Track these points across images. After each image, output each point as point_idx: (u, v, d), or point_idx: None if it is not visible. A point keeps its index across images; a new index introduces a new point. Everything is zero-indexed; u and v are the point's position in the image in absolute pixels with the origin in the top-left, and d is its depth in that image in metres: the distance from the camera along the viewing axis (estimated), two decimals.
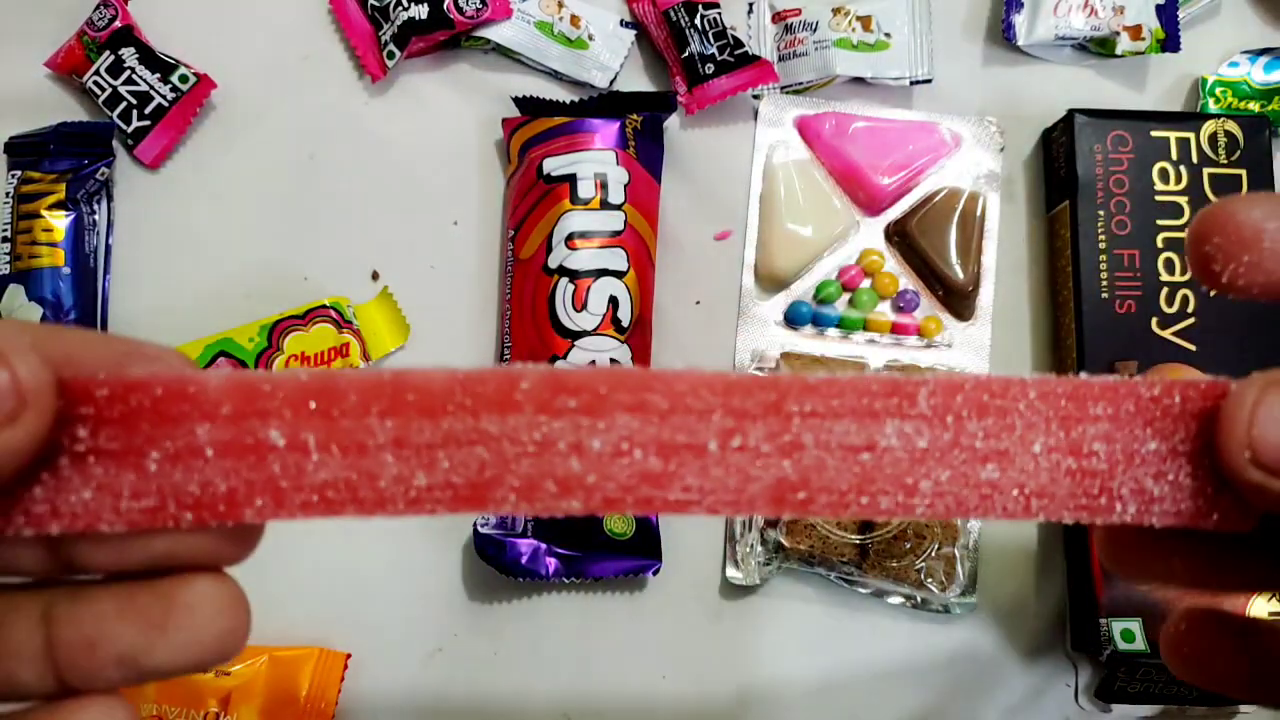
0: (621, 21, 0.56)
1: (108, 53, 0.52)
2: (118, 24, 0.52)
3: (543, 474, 0.19)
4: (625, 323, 0.49)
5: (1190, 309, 0.50)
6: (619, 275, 0.49)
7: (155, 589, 0.19)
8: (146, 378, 0.18)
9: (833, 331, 0.53)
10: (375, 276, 0.53)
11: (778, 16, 0.56)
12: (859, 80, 0.55)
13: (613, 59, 0.55)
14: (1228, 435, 0.18)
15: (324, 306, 0.51)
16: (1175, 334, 0.50)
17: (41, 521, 0.18)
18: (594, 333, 0.48)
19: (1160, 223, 0.51)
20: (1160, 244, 0.51)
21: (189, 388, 0.18)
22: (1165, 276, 0.51)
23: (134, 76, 0.52)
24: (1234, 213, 0.19)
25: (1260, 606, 0.47)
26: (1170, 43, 0.56)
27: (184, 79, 0.52)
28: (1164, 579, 0.21)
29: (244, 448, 0.19)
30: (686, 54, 0.53)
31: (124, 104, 0.52)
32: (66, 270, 0.50)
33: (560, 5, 0.55)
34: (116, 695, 0.19)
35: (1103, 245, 0.51)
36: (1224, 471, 0.19)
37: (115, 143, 0.53)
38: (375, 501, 0.19)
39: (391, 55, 0.53)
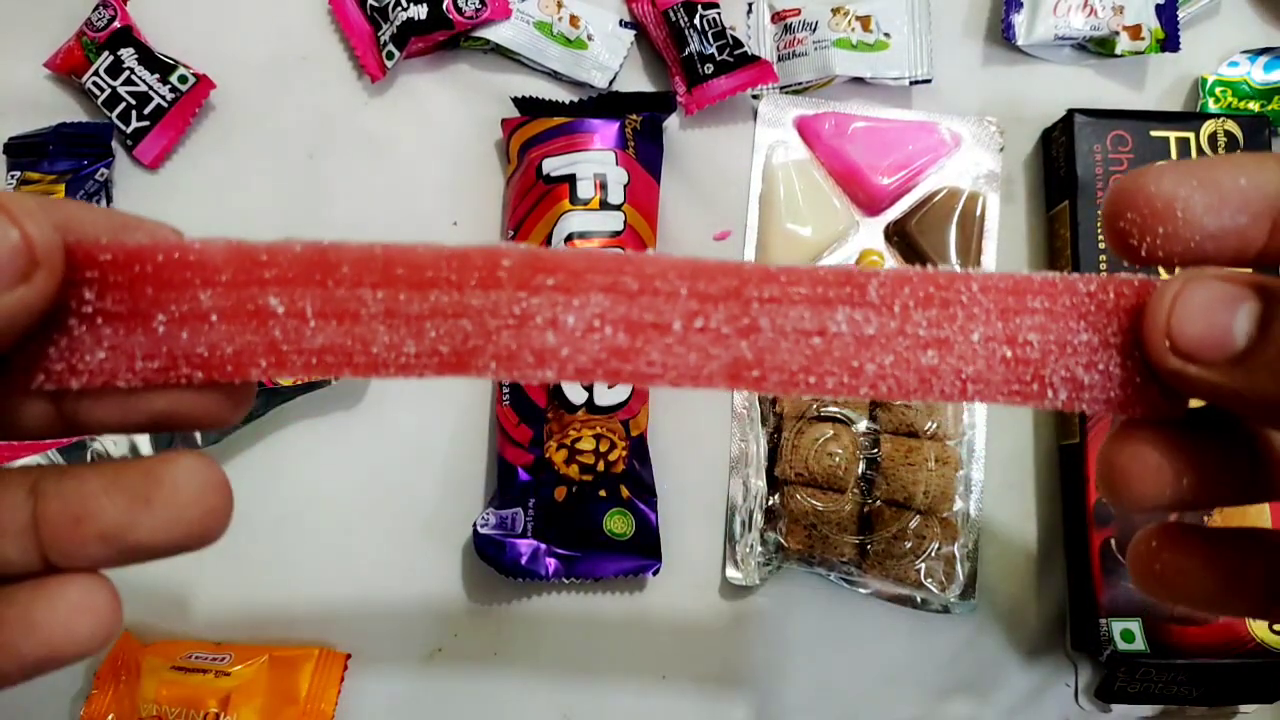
0: (621, 21, 0.56)
1: (107, 53, 0.52)
2: (117, 24, 0.52)
3: (521, 345, 0.20)
4: None
5: None
6: None
7: (142, 466, 0.19)
8: (148, 245, 0.19)
9: None
10: None
11: (777, 16, 0.56)
12: (858, 80, 0.55)
13: (612, 59, 0.55)
14: (1150, 324, 0.20)
15: None
16: None
17: (61, 378, 0.19)
18: None
19: None
20: None
21: (190, 255, 0.20)
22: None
23: (133, 77, 0.52)
24: (1144, 185, 0.20)
25: (1261, 626, 0.47)
26: (1170, 42, 0.56)
27: (183, 79, 0.52)
28: (1175, 501, 0.22)
29: (245, 313, 0.20)
30: (686, 54, 0.53)
31: (123, 104, 0.52)
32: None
33: (559, 5, 0.55)
34: (98, 574, 0.19)
35: (1102, 245, 0.51)
36: (1147, 359, 0.20)
37: (114, 143, 0.53)
38: (369, 365, 0.20)
39: (391, 55, 0.53)
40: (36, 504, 0.19)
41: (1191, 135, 0.52)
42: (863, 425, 0.49)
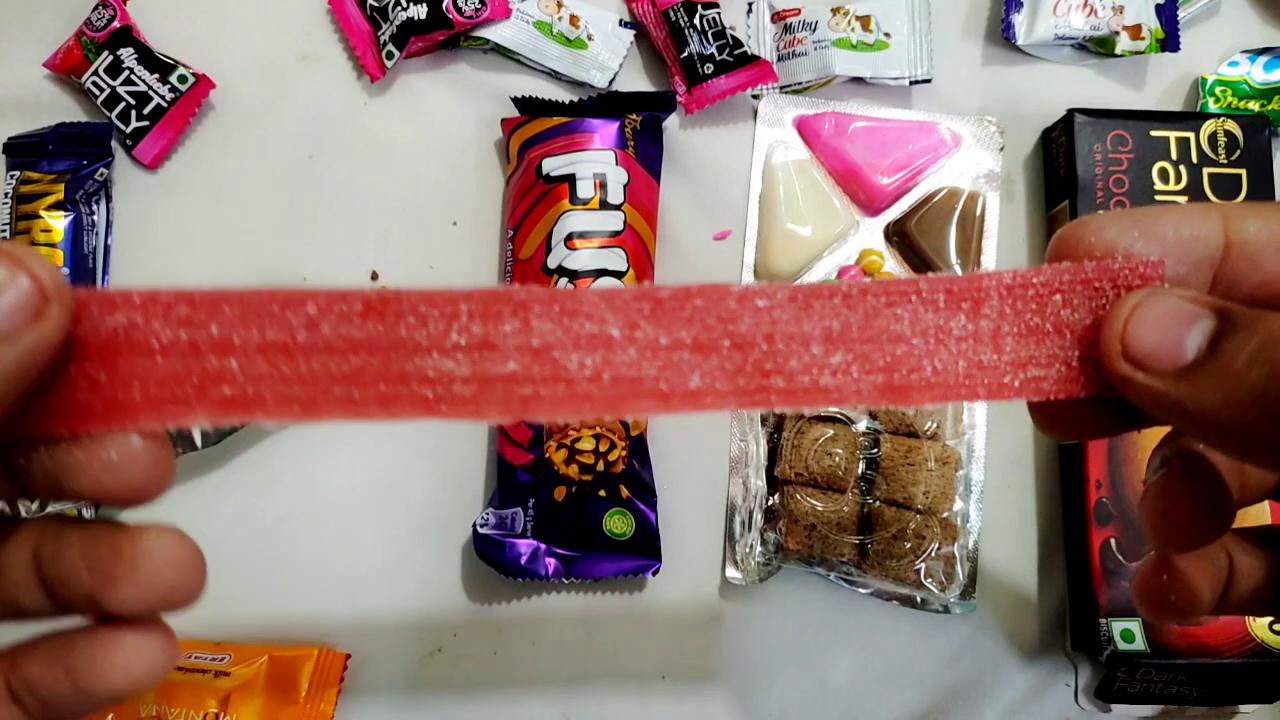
0: (621, 21, 0.56)
1: (106, 53, 0.52)
2: (116, 24, 0.52)
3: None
4: None
5: None
6: (618, 275, 0.49)
7: (111, 540, 0.20)
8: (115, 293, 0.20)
9: None
10: (374, 277, 0.53)
11: (777, 16, 0.56)
12: (858, 80, 0.55)
13: (612, 59, 0.55)
14: (1107, 328, 0.21)
15: None
16: None
17: (80, 422, 0.20)
18: None
19: None
20: None
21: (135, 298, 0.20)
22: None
23: (133, 77, 0.52)
24: (1084, 235, 0.21)
25: (1261, 625, 0.47)
26: (1170, 42, 0.56)
27: (183, 79, 0.52)
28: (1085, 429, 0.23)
29: (186, 352, 0.20)
30: (686, 54, 0.53)
31: (123, 104, 0.52)
32: (65, 270, 0.50)
33: (559, 5, 0.55)
34: (151, 621, 0.21)
35: None
36: (1099, 361, 0.21)
37: (114, 143, 0.53)
38: (316, 404, 0.20)
39: (390, 55, 0.53)
40: (37, 564, 0.20)
41: (1191, 135, 0.52)
42: (863, 425, 0.49)
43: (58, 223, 0.50)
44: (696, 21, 0.53)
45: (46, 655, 0.20)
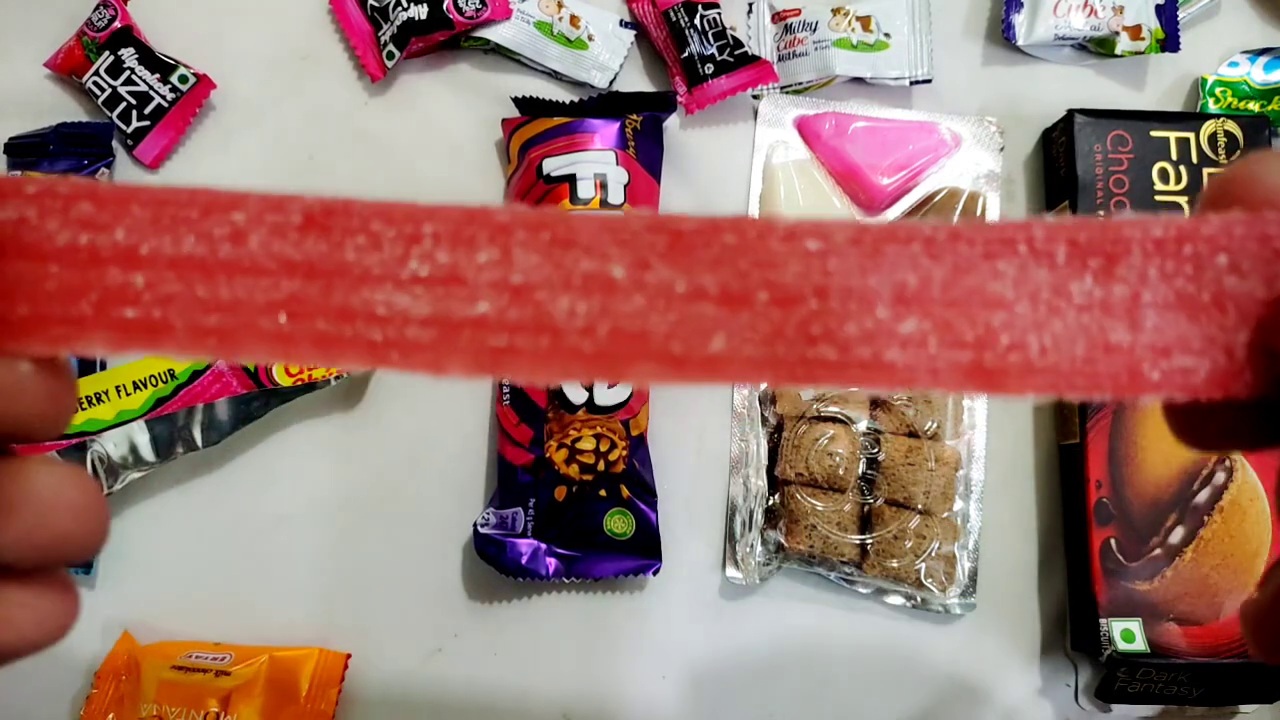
0: (621, 21, 0.56)
1: (107, 53, 0.52)
2: (117, 24, 0.52)
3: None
4: None
5: None
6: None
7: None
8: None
9: None
10: None
11: (777, 16, 0.56)
12: (859, 80, 0.55)
13: (612, 59, 0.55)
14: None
15: None
16: None
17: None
18: None
19: None
20: None
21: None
22: None
23: (134, 77, 0.52)
24: (1264, 175, 0.16)
25: None
26: (1170, 43, 0.56)
27: (183, 79, 0.52)
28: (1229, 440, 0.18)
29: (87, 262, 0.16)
30: (686, 54, 0.53)
31: (123, 104, 0.52)
32: None
33: (560, 5, 0.55)
34: (48, 576, 0.17)
35: None
36: (1266, 342, 0.16)
37: (115, 143, 0.53)
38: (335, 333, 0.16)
39: (391, 55, 0.53)
40: None
41: (1191, 135, 0.52)
42: (863, 425, 0.49)
43: None
44: (697, 22, 0.53)
45: None
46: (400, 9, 0.52)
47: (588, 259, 0.16)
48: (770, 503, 0.50)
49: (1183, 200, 0.52)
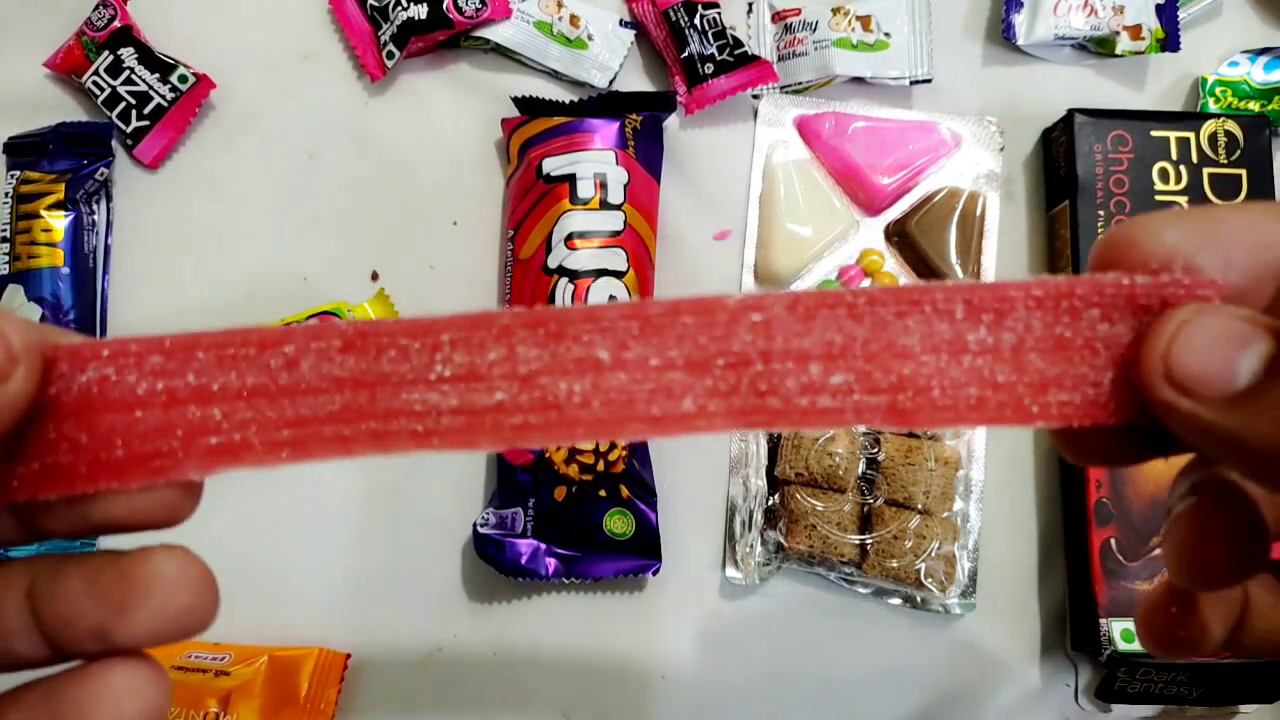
0: (621, 21, 0.56)
1: (107, 53, 0.52)
2: (117, 24, 0.52)
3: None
4: None
5: None
6: (618, 275, 0.49)
7: (118, 566, 0.19)
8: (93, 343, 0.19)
9: None
10: (375, 277, 0.53)
11: (777, 16, 0.56)
12: (859, 80, 0.55)
13: (612, 59, 0.55)
14: (1149, 350, 0.18)
15: (324, 313, 0.51)
16: None
17: (26, 488, 0.19)
18: None
19: None
20: None
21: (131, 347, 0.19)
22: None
23: (133, 76, 0.52)
24: (1139, 240, 0.19)
25: None
26: (1170, 42, 0.56)
27: (183, 79, 0.52)
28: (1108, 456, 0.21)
29: (173, 404, 0.19)
30: (686, 54, 0.53)
31: (123, 104, 0.52)
32: (66, 270, 0.50)
33: (559, 5, 0.55)
34: (141, 656, 0.19)
35: None
36: (1140, 387, 0.19)
37: (114, 143, 0.53)
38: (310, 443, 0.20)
39: (391, 55, 0.53)
40: (33, 604, 0.19)
41: (1191, 135, 0.52)
42: (863, 425, 0.49)
43: (58, 222, 0.50)
44: (697, 21, 0.53)
45: (29, 705, 0.19)
46: (400, 9, 0.52)
47: (577, 346, 0.19)
48: (770, 503, 0.50)
49: (1183, 200, 0.52)
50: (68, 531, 0.20)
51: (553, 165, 0.50)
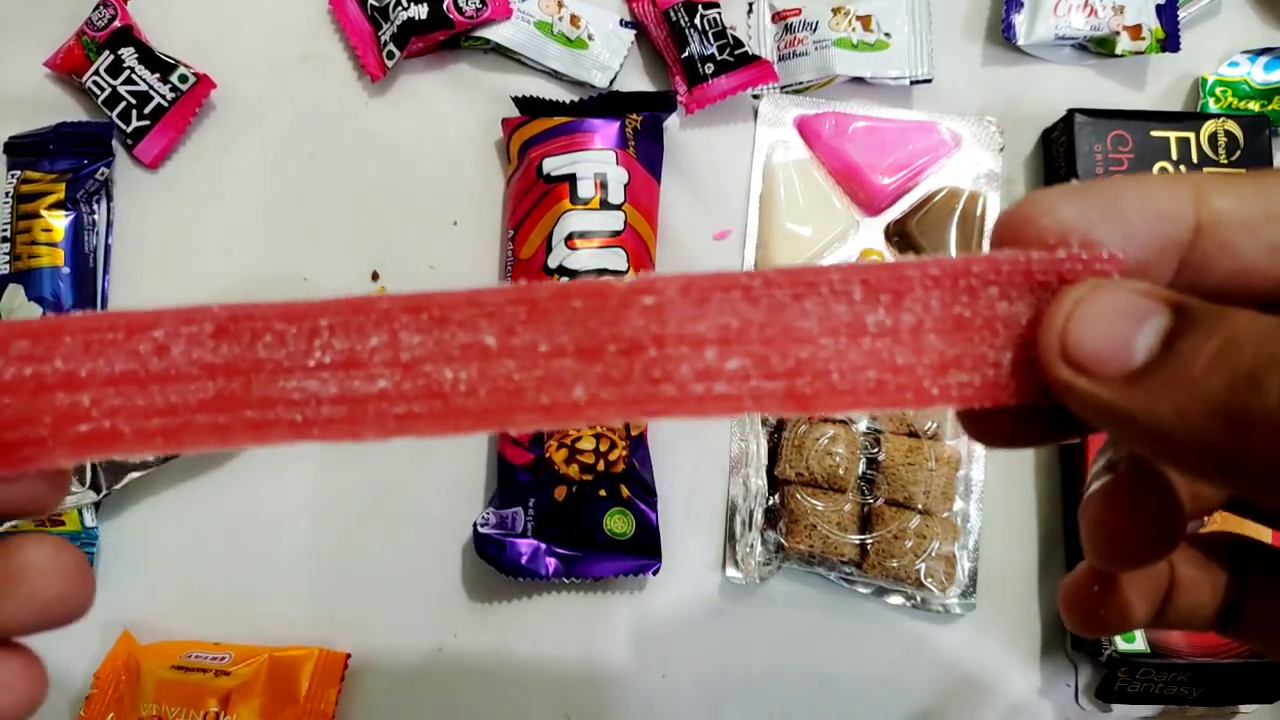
0: (621, 21, 0.56)
1: (107, 53, 0.52)
2: (117, 24, 0.52)
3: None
4: None
5: None
6: (619, 275, 0.49)
7: None
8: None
9: None
10: (375, 277, 0.53)
11: (777, 16, 0.56)
12: (859, 80, 0.55)
13: (612, 59, 0.55)
14: (1045, 328, 0.18)
15: None
16: None
17: None
18: None
19: None
20: None
21: None
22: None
23: (133, 76, 0.52)
24: (1035, 216, 0.18)
25: None
26: (1170, 42, 0.56)
27: (183, 79, 0.52)
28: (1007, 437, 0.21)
29: (36, 387, 0.19)
30: (686, 54, 0.53)
31: (123, 104, 0.52)
32: (66, 270, 0.50)
33: (560, 5, 0.55)
34: (12, 646, 0.19)
35: None
36: (1037, 366, 0.18)
37: (115, 142, 0.53)
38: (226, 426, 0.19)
39: (391, 55, 0.53)
40: None
41: (1191, 135, 0.52)
42: (863, 425, 0.49)
43: (58, 222, 0.50)
44: (697, 21, 0.53)
45: None
46: (400, 9, 0.52)
47: (463, 332, 0.19)
48: (770, 503, 0.50)
49: None
50: None
51: (553, 165, 0.50)
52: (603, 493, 0.48)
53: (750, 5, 0.57)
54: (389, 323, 0.19)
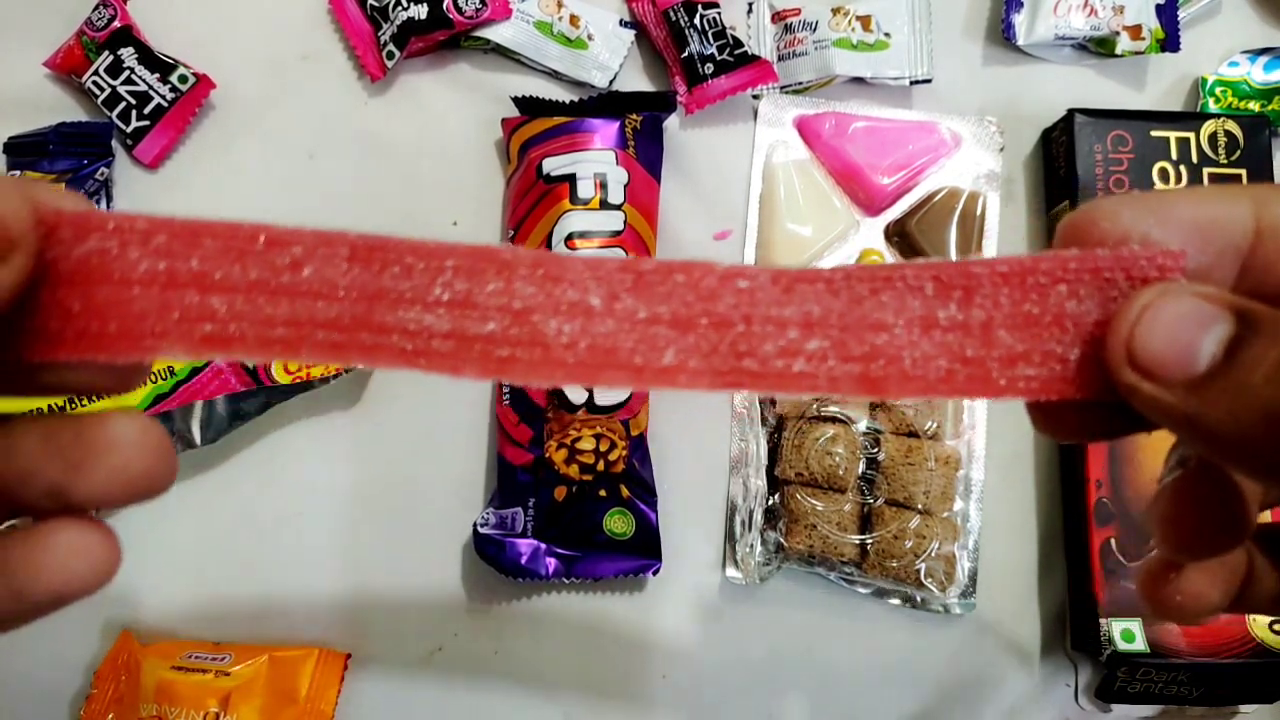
0: (621, 21, 0.56)
1: (107, 53, 0.52)
2: (117, 24, 0.52)
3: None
4: None
5: None
6: None
7: (76, 427, 0.19)
8: (97, 214, 0.19)
9: None
10: None
11: (777, 16, 0.56)
12: (859, 80, 0.55)
13: (612, 59, 0.55)
14: (1113, 333, 0.19)
15: None
16: None
17: (50, 349, 0.19)
18: None
19: None
20: None
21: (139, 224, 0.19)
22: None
23: (133, 76, 0.52)
24: (1097, 220, 0.19)
25: (1262, 625, 0.47)
26: (1170, 42, 0.56)
27: (183, 79, 0.52)
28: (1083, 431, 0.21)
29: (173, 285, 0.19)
30: (686, 54, 0.53)
31: (123, 104, 0.52)
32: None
33: (560, 5, 0.55)
34: (90, 517, 0.19)
35: None
36: (1105, 367, 0.19)
37: (114, 143, 0.53)
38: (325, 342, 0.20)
39: (391, 55, 0.53)
40: None
41: (1191, 135, 0.52)
42: (863, 425, 0.49)
43: None
44: (697, 21, 0.53)
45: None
46: (400, 9, 0.52)
47: (572, 290, 0.20)
48: (770, 503, 0.50)
49: None
50: (8, 388, 0.20)
51: (553, 165, 0.50)
52: (603, 493, 0.48)
53: (750, 5, 0.57)
54: (508, 271, 0.20)
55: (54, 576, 0.19)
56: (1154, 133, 0.52)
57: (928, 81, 0.55)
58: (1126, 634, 0.47)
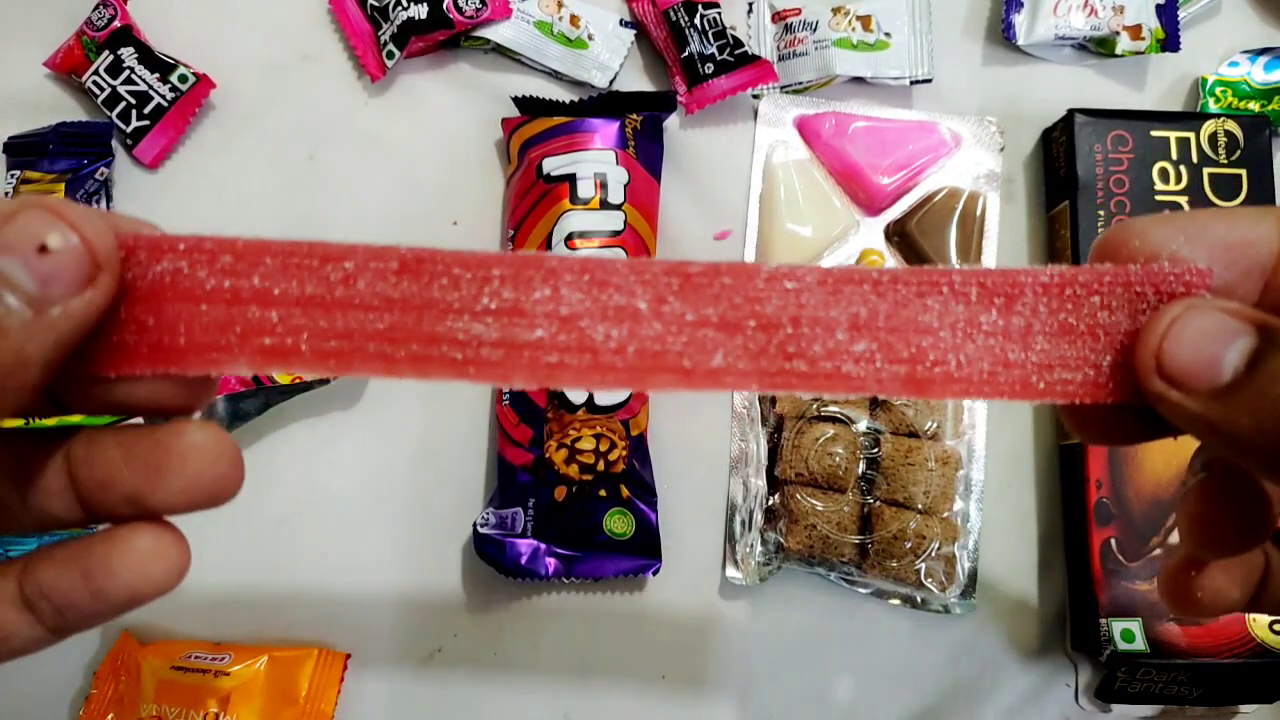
0: (621, 21, 0.56)
1: (107, 52, 0.52)
2: (117, 24, 0.52)
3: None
4: None
5: None
6: None
7: (153, 436, 0.20)
8: (170, 237, 0.20)
9: None
10: None
11: (777, 16, 0.56)
12: (859, 80, 0.55)
13: (612, 59, 0.55)
14: (1143, 343, 0.20)
15: None
16: None
17: (126, 363, 0.20)
18: None
19: None
20: None
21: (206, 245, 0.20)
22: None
23: (133, 76, 0.52)
24: (1129, 238, 0.21)
25: (1262, 625, 0.47)
26: (1170, 42, 0.56)
27: (183, 79, 0.52)
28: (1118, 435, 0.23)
29: (238, 302, 0.20)
30: (686, 54, 0.53)
31: (123, 104, 0.52)
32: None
33: (560, 5, 0.55)
34: (164, 521, 0.21)
35: None
36: (1134, 376, 0.20)
37: (114, 142, 0.53)
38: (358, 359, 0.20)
39: (391, 55, 0.53)
40: (70, 469, 0.20)
41: (1191, 135, 0.52)
42: (863, 425, 0.49)
43: None
44: (697, 21, 0.53)
45: (61, 560, 0.20)
46: (400, 9, 0.52)
47: (619, 295, 0.20)
48: (770, 503, 0.50)
49: (1183, 200, 0.52)
50: (83, 406, 0.21)
51: (553, 165, 0.50)
52: (603, 493, 0.48)
53: (750, 5, 0.57)
54: (555, 279, 0.20)
55: (133, 577, 0.20)
56: (1154, 133, 0.52)
57: (928, 81, 0.55)
58: (1126, 634, 0.47)
